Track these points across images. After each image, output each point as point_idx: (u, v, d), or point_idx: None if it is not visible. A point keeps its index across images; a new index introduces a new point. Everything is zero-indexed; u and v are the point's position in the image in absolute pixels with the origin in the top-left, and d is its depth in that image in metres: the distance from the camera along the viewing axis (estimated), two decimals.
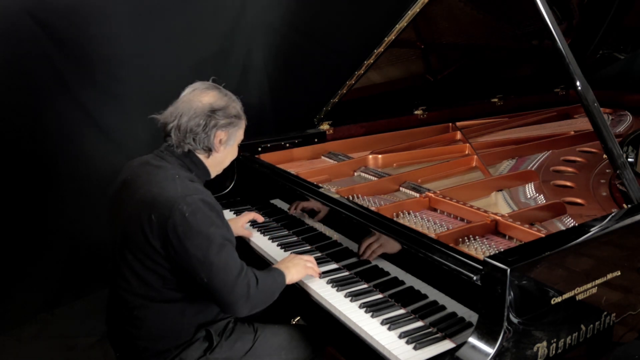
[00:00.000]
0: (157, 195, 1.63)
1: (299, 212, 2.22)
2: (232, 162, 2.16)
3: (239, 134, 1.84)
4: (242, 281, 1.62)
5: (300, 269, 1.85)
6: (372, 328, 1.59)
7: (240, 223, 2.26)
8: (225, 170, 1.96)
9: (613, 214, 1.70)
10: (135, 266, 1.67)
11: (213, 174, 1.87)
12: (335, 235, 2.04)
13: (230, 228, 1.72)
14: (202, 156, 1.80)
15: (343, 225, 1.99)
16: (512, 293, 1.34)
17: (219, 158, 1.84)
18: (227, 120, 1.76)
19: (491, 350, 1.33)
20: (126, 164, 1.84)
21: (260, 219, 2.32)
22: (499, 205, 2.14)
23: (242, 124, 1.85)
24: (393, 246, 1.73)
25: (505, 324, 1.34)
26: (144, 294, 1.69)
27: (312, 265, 1.89)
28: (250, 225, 2.37)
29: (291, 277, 1.82)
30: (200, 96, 1.76)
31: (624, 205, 1.90)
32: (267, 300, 1.72)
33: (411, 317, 1.63)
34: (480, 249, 1.71)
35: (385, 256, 1.80)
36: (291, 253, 2.00)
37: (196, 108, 1.73)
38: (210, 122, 1.73)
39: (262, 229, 2.33)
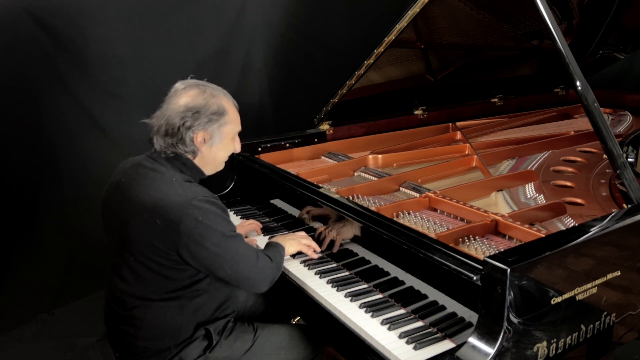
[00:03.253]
0: (159, 200, 1.62)
1: (309, 217, 2.20)
2: (232, 162, 2.15)
3: (225, 130, 1.77)
4: (261, 263, 1.74)
5: (294, 242, 1.97)
6: (372, 328, 1.59)
7: (243, 231, 2.24)
8: (225, 170, 1.95)
9: (613, 214, 1.70)
10: (135, 267, 1.67)
11: (208, 172, 1.84)
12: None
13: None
14: (190, 157, 1.77)
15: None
16: (512, 293, 1.34)
17: (208, 157, 1.79)
18: (205, 118, 1.71)
19: (491, 350, 1.33)
20: (118, 165, 1.83)
21: (259, 231, 2.30)
22: (499, 205, 2.14)
23: (226, 119, 1.76)
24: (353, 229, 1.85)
25: (505, 324, 1.34)
26: (142, 294, 1.69)
27: (307, 242, 1.99)
28: None
29: (287, 249, 1.94)
30: (178, 97, 1.73)
31: (624, 205, 1.90)
32: (279, 272, 1.83)
33: (411, 317, 1.63)
34: (480, 249, 1.71)
35: (385, 256, 1.80)
36: (271, 238, 2.06)
37: (172, 110, 1.71)
38: (185, 123, 1.69)
39: (262, 229, 2.32)
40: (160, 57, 3.32)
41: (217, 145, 1.78)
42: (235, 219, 2.46)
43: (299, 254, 2.05)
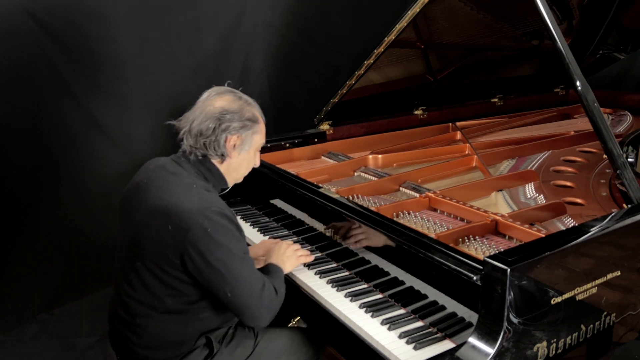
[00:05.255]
0: (173, 205, 1.59)
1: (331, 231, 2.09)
2: None
3: (255, 139, 1.78)
4: (265, 294, 1.63)
5: (293, 260, 1.89)
6: (372, 328, 1.59)
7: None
8: None
9: (613, 214, 1.70)
10: (142, 274, 1.63)
11: (230, 182, 1.83)
12: (335, 235, 2.03)
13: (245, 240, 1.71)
14: (216, 162, 1.75)
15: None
16: (512, 293, 1.34)
17: (234, 164, 1.78)
18: (239, 123, 1.71)
19: (491, 350, 1.33)
20: (143, 165, 1.81)
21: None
22: (499, 205, 2.14)
23: (258, 128, 1.78)
24: (378, 239, 1.77)
25: (505, 324, 1.34)
26: (148, 302, 1.65)
27: (301, 254, 1.93)
28: (249, 224, 2.38)
29: (286, 270, 1.86)
30: (214, 100, 1.73)
31: (624, 205, 1.91)
32: (280, 304, 1.72)
33: (411, 317, 1.63)
34: (480, 249, 1.71)
35: (385, 256, 1.80)
36: (272, 238, 2.00)
37: (207, 112, 1.70)
38: (221, 125, 1.68)
39: (262, 229, 2.33)
40: (161, 57, 3.32)
41: (244, 153, 1.78)
42: None
43: None
